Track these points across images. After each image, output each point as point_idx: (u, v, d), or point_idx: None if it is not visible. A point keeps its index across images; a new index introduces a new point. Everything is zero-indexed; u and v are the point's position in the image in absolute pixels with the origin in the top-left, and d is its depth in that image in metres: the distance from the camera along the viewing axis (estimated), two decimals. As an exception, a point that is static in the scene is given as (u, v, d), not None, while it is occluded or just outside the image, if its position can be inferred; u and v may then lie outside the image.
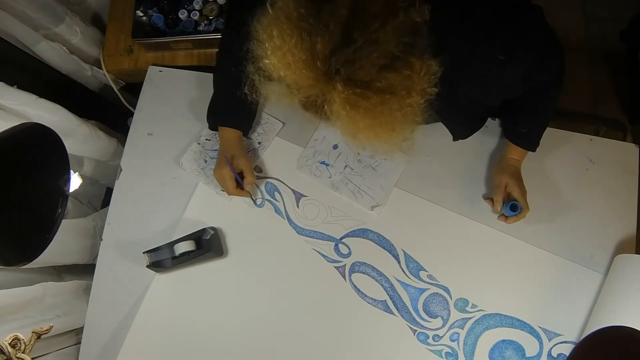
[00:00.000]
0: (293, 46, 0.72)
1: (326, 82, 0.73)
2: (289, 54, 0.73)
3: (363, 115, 0.74)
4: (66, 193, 0.78)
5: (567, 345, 1.10)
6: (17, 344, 0.76)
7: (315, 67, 0.72)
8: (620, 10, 1.97)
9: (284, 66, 0.74)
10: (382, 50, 0.71)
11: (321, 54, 0.72)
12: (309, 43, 0.72)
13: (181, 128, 1.28)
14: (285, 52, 0.73)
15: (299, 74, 0.74)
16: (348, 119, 0.76)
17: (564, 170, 1.19)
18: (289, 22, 0.73)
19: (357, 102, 0.73)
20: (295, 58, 0.73)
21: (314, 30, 0.72)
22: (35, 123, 0.77)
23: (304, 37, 0.72)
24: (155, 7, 1.33)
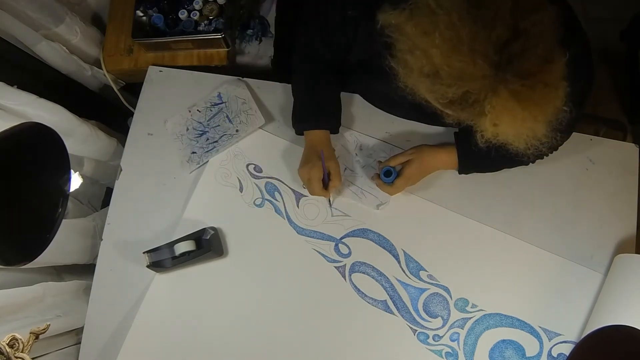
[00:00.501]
0: (467, 36, 0.71)
1: (497, 73, 0.72)
2: (461, 44, 0.71)
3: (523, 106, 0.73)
4: (66, 193, 0.78)
5: (567, 345, 1.10)
6: (15, 344, 0.76)
7: (488, 57, 0.71)
8: (620, 10, 1.97)
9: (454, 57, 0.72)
10: (546, 42, 0.71)
11: (497, 44, 0.71)
12: (485, 33, 0.70)
13: (181, 128, 1.28)
14: (456, 43, 0.71)
15: (473, 65, 0.71)
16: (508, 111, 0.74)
17: (564, 170, 1.19)
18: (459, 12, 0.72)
19: (523, 94, 0.72)
20: (469, 48, 0.71)
21: (488, 19, 0.71)
22: (35, 123, 0.77)
23: (479, 26, 0.71)
24: (155, 7, 1.33)
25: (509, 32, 0.71)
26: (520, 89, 0.72)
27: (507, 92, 0.72)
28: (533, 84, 0.72)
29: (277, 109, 1.28)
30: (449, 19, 0.72)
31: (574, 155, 1.20)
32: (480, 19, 0.71)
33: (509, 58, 0.71)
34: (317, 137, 1.14)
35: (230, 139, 1.25)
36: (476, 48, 0.71)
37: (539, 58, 0.72)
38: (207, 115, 1.27)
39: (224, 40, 1.33)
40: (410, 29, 0.76)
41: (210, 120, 1.27)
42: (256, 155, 1.24)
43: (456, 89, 0.74)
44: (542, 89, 0.73)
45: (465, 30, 0.71)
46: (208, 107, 1.28)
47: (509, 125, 0.77)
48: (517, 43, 0.71)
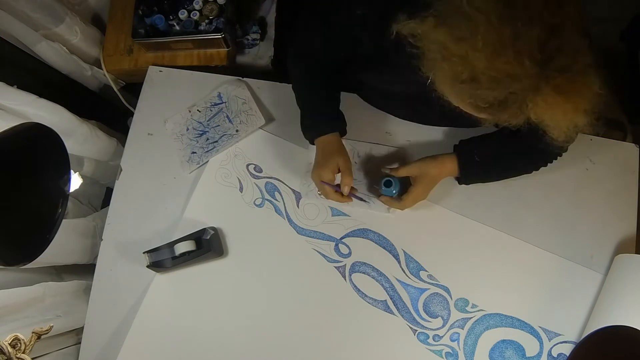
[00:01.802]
0: (509, 37, 0.70)
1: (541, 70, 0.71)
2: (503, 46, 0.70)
3: (566, 100, 0.73)
4: (66, 193, 0.78)
5: (567, 345, 1.10)
6: (17, 344, 0.76)
7: (532, 56, 0.70)
8: (620, 10, 1.96)
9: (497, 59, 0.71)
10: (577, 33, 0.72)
11: (539, 42, 0.70)
12: (526, 32, 0.70)
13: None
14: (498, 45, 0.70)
15: (518, 65, 0.70)
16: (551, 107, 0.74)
17: (564, 170, 1.19)
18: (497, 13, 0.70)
19: (566, 87, 0.72)
20: (513, 49, 0.70)
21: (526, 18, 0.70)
22: (35, 123, 0.77)
23: (519, 26, 0.70)
24: (156, 7, 1.33)
25: (548, 29, 0.70)
26: (563, 83, 0.72)
27: (550, 88, 0.72)
28: (573, 76, 0.72)
29: (277, 109, 1.28)
30: (488, 21, 0.70)
31: (574, 155, 1.20)
32: (520, 18, 0.70)
33: (550, 54, 0.71)
34: (328, 140, 1.11)
35: (230, 139, 1.25)
36: (520, 48, 0.70)
37: (574, 50, 0.72)
38: (207, 115, 1.27)
39: (224, 40, 1.33)
40: (442, 36, 0.74)
41: (210, 120, 1.27)
42: (256, 155, 1.24)
43: (498, 92, 0.73)
44: (581, 79, 0.73)
45: (508, 31, 0.70)
46: (208, 107, 1.28)
47: (550, 120, 0.77)
48: (555, 39, 0.70)
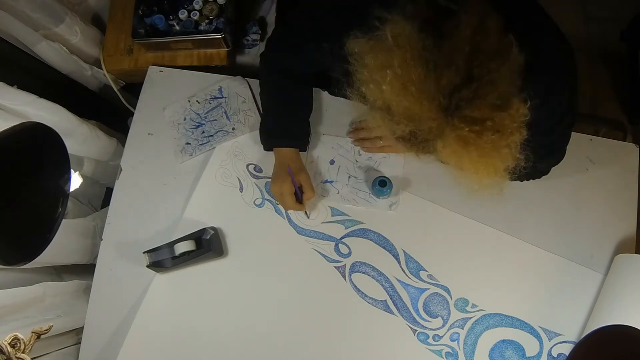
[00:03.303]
0: (417, 77, 0.71)
1: (443, 117, 0.72)
2: (411, 84, 0.71)
3: (472, 152, 0.74)
4: (67, 192, 0.78)
5: (567, 345, 1.10)
6: (16, 343, 0.76)
7: (436, 101, 0.71)
8: (620, 10, 1.97)
9: (402, 96, 0.72)
10: (498, 90, 0.71)
11: (445, 88, 0.71)
12: (434, 76, 0.70)
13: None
14: (406, 82, 0.71)
15: (418, 106, 0.72)
16: (454, 154, 0.75)
17: (564, 170, 1.19)
18: (414, 52, 0.71)
19: (470, 139, 0.72)
20: (417, 89, 0.71)
21: (441, 63, 0.71)
22: (35, 122, 0.77)
23: (430, 69, 0.71)
24: (156, 7, 1.32)
25: (460, 77, 0.70)
26: (467, 135, 0.72)
27: (453, 136, 0.73)
28: (481, 130, 0.72)
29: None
30: (402, 57, 0.72)
31: (574, 155, 1.20)
32: (433, 61, 0.71)
33: (457, 103, 0.71)
34: (287, 154, 1.14)
35: (225, 135, 1.25)
36: (425, 90, 0.71)
37: (490, 105, 0.71)
38: (205, 107, 1.28)
39: (224, 40, 1.33)
40: (369, 60, 0.76)
41: (208, 113, 1.27)
42: (256, 155, 1.24)
43: (404, 126, 0.75)
44: (491, 136, 0.72)
45: (417, 71, 0.71)
46: (207, 100, 1.28)
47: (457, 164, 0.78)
48: (467, 89, 0.70)
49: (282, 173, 1.13)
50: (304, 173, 1.13)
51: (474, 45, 0.71)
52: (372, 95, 0.77)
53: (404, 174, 1.20)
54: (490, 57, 0.71)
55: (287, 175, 1.11)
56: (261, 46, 1.45)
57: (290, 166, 1.12)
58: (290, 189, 1.11)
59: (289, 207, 1.14)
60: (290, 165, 1.12)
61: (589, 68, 2.01)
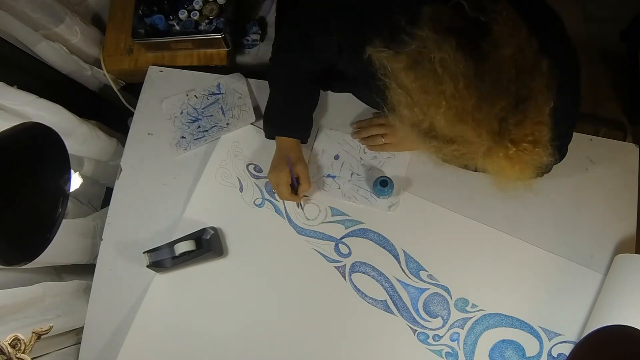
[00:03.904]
0: (472, 105, 0.69)
1: (496, 140, 0.71)
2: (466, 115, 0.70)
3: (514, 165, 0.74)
4: (67, 192, 0.78)
5: (567, 345, 1.10)
6: (17, 344, 0.76)
7: (492, 127, 0.70)
8: (620, 10, 1.97)
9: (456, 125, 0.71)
10: (540, 107, 0.71)
11: (500, 115, 0.70)
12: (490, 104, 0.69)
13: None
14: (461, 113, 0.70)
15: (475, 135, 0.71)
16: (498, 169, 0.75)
17: (564, 170, 1.19)
18: (465, 80, 0.69)
19: (516, 158, 0.72)
20: (474, 119, 0.70)
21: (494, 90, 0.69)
22: (35, 122, 0.77)
23: (485, 97, 0.69)
24: (156, 7, 1.32)
25: (513, 102, 0.70)
26: (514, 154, 0.72)
27: (501, 156, 0.73)
28: (525, 147, 0.72)
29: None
30: (455, 87, 0.69)
31: (574, 155, 1.20)
32: (487, 89, 0.69)
33: (507, 128, 0.71)
34: (288, 143, 1.15)
35: (219, 131, 1.26)
36: (480, 118, 0.70)
37: (533, 123, 0.71)
38: (203, 103, 1.28)
39: (224, 40, 1.33)
40: (409, 82, 0.73)
41: (205, 108, 1.28)
42: (256, 155, 1.24)
43: (453, 149, 0.74)
44: (532, 149, 0.72)
45: (473, 101, 0.69)
46: (206, 95, 1.29)
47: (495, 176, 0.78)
48: (516, 113, 0.70)
49: (281, 162, 1.13)
50: (303, 164, 1.13)
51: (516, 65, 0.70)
52: (415, 118, 0.75)
53: (407, 175, 1.20)
54: (531, 76, 0.70)
55: (286, 165, 1.11)
56: (261, 46, 1.45)
57: (289, 155, 1.12)
58: (288, 179, 1.12)
59: (284, 197, 1.14)
60: (290, 155, 1.12)
61: (589, 68, 2.01)
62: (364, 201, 1.19)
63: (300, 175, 1.13)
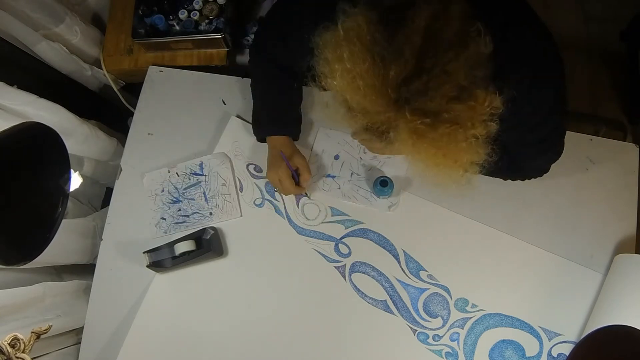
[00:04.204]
0: (364, 71, 0.70)
1: (395, 110, 0.71)
2: (359, 79, 0.71)
3: (428, 144, 0.73)
4: (67, 192, 0.78)
5: (567, 345, 1.10)
6: (16, 344, 0.76)
7: (386, 94, 0.70)
8: (620, 10, 1.97)
9: (352, 90, 0.72)
10: (453, 81, 0.70)
11: (394, 82, 0.70)
12: (382, 69, 0.69)
13: (181, 128, 1.28)
14: (355, 76, 0.71)
15: (368, 100, 0.72)
16: (412, 147, 0.74)
17: (564, 170, 1.19)
18: (362, 45, 0.70)
19: (424, 132, 0.72)
20: (365, 83, 0.70)
21: (388, 56, 0.69)
22: (35, 122, 0.77)
23: (377, 62, 0.70)
24: (156, 7, 1.32)
25: (409, 69, 0.69)
26: (419, 127, 0.71)
27: (406, 128, 0.72)
28: (435, 122, 0.71)
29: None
30: (350, 51, 0.71)
31: (574, 155, 1.20)
32: (379, 55, 0.70)
33: (407, 96, 0.70)
34: (279, 141, 1.14)
35: (202, 219, 1.20)
36: (372, 84, 0.70)
37: (445, 97, 0.70)
38: (184, 182, 1.23)
39: (224, 40, 1.33)
40: (326, 53, 0.75)
41: (186, 189, 1.22)
42: (256, 156, 1.24)
43: (362, 119, 0.75)
44: (447, 129, 0.71)
45: (364, 65, 0.70)
46: (187, 175, 1.23)
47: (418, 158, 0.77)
48: (418, 81, 0.69)
49: (276, 160, 1.12)
50: (299, 156, 1.13)
51: (429, 36, 0.69)
52: (330, 88, 0.76)
53: (407, 175, 1.20)
54: (447, 48, 0.69)
55: (282, 161, 1.11)
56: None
57: (282, 151, 1.11)
58: (287, 173, 1.11)
59: (288, 191, 1.13)
60: (283, 150, 1.11)
61: (589, 68, 2.01)
62: (364, 201, 1.19)
63: (299, 166, 1.12)
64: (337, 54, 0.73)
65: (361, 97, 0.72)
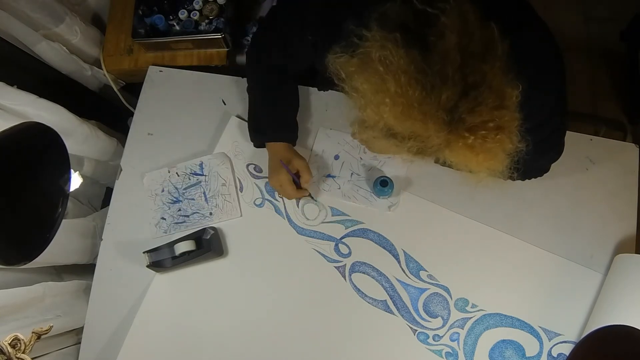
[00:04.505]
0: (416, 100, 0.70)
1: (448, 131, 0.72)
2: (411, 109, 0.70)
3: (478, 154, 0.74)
4: (67, 192, 0.78)
5: (567, 345, 1.10)
6: (17, 344, 0.76)
7: (440, 118, 0.71)
8: (620, 10, 1.97)
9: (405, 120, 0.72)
10: (497, 92, 0.70)
11: (447, 105, 0.70)
12: (432, 95, 0.70)
13: (181, 128, 1.28)
14: (406, 108, 0.71)
15: (424, 127, 0.71)
16: (464, 159, 0.75)
17: (564, 170, 1.19)
18: (407, 75, 0.70)
19: (477, 146, 0.72)
20: (420, 112, 0.70)
21: (437, 81, 0.69)
22: (35, 122, 0.77)
23: (427, 88, 0.70)
24: (155, 7, 1.33)
25: (459, 91, 0.70)
26: (474, 142, 0.72)
27: (461, 145, 0.73)
28: (485, 134, 0.72)
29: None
30: (397, 83, 0.70)
31: (574, 155, 1.20)
32: (429, 80, 0.70)
33: (460, 116, 0.71)
34: (277, 147, 1.14)
35: (202, 219, 1.20)
36: (427, 110, 0.70)
37: (489, 109, 0.71)
38: (184, 182, 1.22)
39: (224, 40, 1.33)
40: (360, 84, 0.74)
41: (186, 189, 1.22)
42: (256, 155, 1.24)
43: (412, 143, 0.75)
44: (495, 136, 0.72)
45: (415, 94, 0.70)
46: (187, 175, 1.23)
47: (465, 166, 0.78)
48: (467, 102, 0.70)
49: (276, 166, 1.13)
50: (298, 158, 1.13)
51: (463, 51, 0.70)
52: (371, 119, 0.76)
53: (407, 175, 1.21)
54: (481, 60, 0.70)
55: (282, 167, 1.11)
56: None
57: (281, 159, 1.11)
58: (288, 178, 1.11)
59: (291, 195, 1.13)
60: (282, 157, 1.12)
61: (589, 68, 2.01)
62: (364, 201, 1.19)
63: (299, 168, 1.12)
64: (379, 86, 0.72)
65: (415, 125, 0.72)
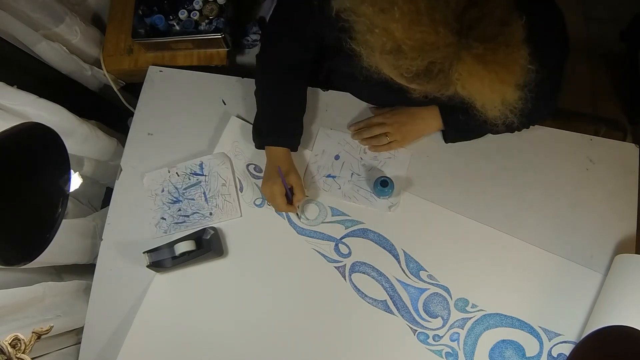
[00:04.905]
0: (425, 6, 0.71)
1: (459, 40, 0.72)
2: (421, 16, 0.71)
3: (490, 69, 0.74)
4: (67, 192, 0.78)
5: (567, 345, 1.10)
6: (17, 344, 0.76)
7: (450, 25, 0.71)
8: (620, 10, 1.97)
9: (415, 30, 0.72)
10: (502, 5, 0.72)
11: (456, 10, 0.71)
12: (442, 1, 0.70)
13: (181, 128, 1.28)
14: (416, 15, 0.71)
15: (435, 35, 0.71)
16: (475, 76, 0.75)
17: (564, 170, 1.19)
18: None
19: (488, 57, 0.72)
20: (430, 18, 0.71)
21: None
22: (35, 122, 0.77)
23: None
24: (155, 7, 1.33)
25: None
26: (484, 53, 0.72)
27: (471, 57, 0.73)
28: (495, 46, 0.72)
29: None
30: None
31: (574, 155, 1.20)
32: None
33: (469, 24, 0.71)
34: (277, 153, 1.14)
35: (202, 219, 1.20)
36: (436, 17, 0.71)
37: (497, 21, 0.72)
38: (184, 182, 1.22)
39: (224, 40, 1.33)
40: (366, 8, 0.76)
41: (186, 189, 1.22)
42: (256, 156, 1.24)
43: (420, 60, 0.74)
44: (505, 50, 0.73)
45: (424, 1, 0.71)
46: (187, 174, 1.23)
47: (477, 90, 0.77)
48: (475, 9, 0.71)
49: (273, 174, 1.12)
50: (295, 174, 1.13)
51: None
52: (379, 40, 0.76)
53: (407, 175, 1.21)
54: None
55: (278, 177, 1.11)
56: (261, 46, 1.45)
57: (280, 167, 1.11)
58: (281, 190, 1.11)
59: (280, 208, 1.14)
60: (280, 166, 1.11)
61: (589, 68, 2.01)
62: (364, 201, 1.19)
63: (293, 185, 1.12)
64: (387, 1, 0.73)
65: (426, 33, 0.72)
